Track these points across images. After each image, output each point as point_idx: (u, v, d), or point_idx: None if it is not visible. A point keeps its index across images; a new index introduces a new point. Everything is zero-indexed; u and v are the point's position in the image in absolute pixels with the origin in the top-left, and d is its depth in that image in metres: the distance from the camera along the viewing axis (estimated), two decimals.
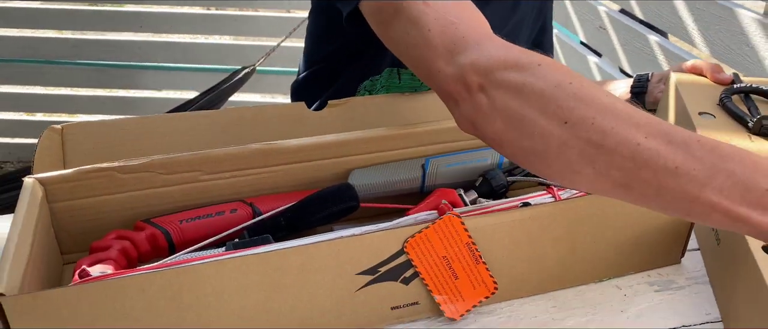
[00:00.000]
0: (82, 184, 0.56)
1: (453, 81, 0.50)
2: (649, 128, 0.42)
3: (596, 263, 0.59)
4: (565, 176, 0.46)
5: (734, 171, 0.40)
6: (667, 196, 0.42)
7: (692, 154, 0.41)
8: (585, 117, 0.43)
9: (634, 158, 0.42)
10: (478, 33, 0.51)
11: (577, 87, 0.44)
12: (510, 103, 0.46)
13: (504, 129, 0.47)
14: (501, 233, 0.54)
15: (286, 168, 0.62)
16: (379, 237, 0.50)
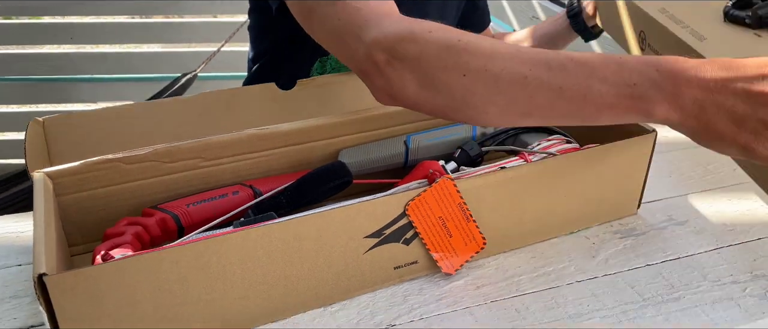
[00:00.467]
0: (89, 176, 0.58)
1: (364, 61, 0.56)
2: (532, 61, 0.50)
3: (567, 217, 0.67)
4: (477, 119, 0.54)
5: (606, 77, 0.48)
6: (562, 111, 0.51)
7: (569, 72, 0.49)
8: (478, 66, 0.51)
9: (526, 90, 0.50)
10: (378, 13, 0.58)
11: (465, 43, 0.52)
12: (415, 70, 0.53)
13: (417, 93, 0.54)
14: (487, 194, 0.60)
15: (281, 151, 0.66)
16: (384, 202, 0.55)
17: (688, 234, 0.68)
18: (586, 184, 0.66)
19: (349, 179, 0.65)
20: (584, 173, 0.65)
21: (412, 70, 0.54)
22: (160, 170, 0.61)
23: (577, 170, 0.64)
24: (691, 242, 0.67)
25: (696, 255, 0.65)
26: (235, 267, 0.50)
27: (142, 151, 0.60)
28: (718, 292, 0.60)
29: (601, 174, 0.66)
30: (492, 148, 0.71)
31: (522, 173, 0.61)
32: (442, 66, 0.53)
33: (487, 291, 0.59)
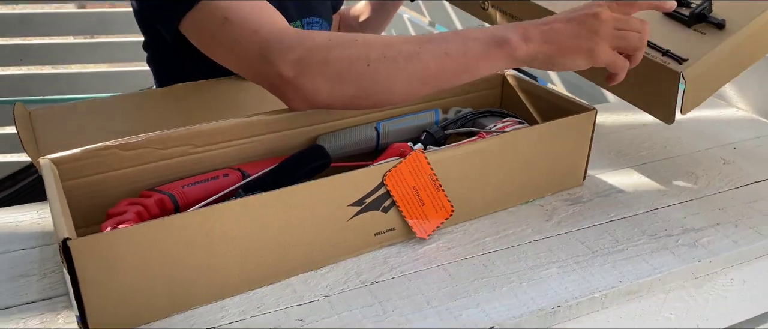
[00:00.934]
0: (90, 162, 0.63)
1: (274, 77, 0.66)
2: (418, 40, 0.65)
3: (523, 187, 0.75)
4: (386, 98, 0.67)
5: (476, 37, 0.65)
6: (451, 70, 0.65)
7: (448, 40, 0.65)
8: (378, 55, 0.64)
9: (421, 62, 0.64)
10: (275, 32, 0.67)
11: (361, 40, 0.65)
12: (324, 73, 0.64)
13: (330, 93, 0.65)
14: (453, 165, 0.67)
15: (264, 138, 0.72)
16: (365, 173, 0.62)
17: (628, 199, 0.78)
18: (538, 157, 0.74)
19: (328, 160, 0.72)
20: (536, 148, 0.73)
21: (321, 74, 0.64)
22: (155, 156, 0.66)
23: (530, 144, 0.73)
24: (631, 205, 0.76)
25: (635, 215, 0.75)
26: (235, 233, 0.56)
27: (138, 138, 0.65)
28: (655, 244, 0.69)
29: (551, 148, 0.75)
30: (454, 130, 0.79)
31: (483, 146, 0.69)
32: (347, 63, 0.64)
33: (457, 251, 0.66)
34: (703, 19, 0.76)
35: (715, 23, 0.75)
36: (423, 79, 0.65)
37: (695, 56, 0.73)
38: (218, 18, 0.70)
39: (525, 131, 0.73)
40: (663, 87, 0.74)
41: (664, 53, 0.74)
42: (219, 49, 0.72)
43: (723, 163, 0.87)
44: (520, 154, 0.72)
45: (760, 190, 0.81)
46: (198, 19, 0.72)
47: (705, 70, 0.74)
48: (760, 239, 0.71)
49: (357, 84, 0.65)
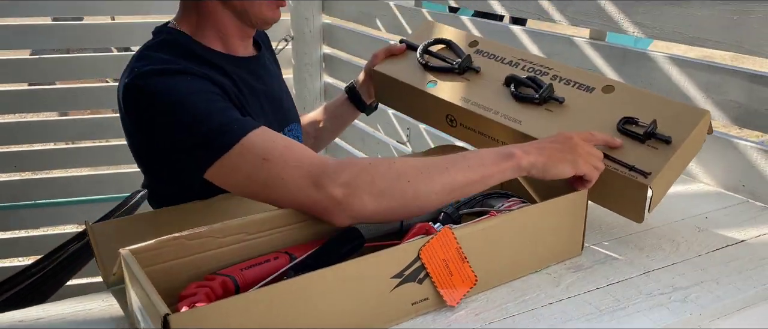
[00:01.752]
0: (160, 252, 0.72)
1: (325, 201, 0.78)
2: (446, 160, 0.81)
3: (532, 257, 0.85)
4: (423, 206, 0.80)
5: (489, 154, 0.82)
6: (471, 179, 0.80)
7: (468, 158, 0.82)
8: (415, 173, 0.79)
9: (449, 175, 0.80)
10: (317, 163, 0.81)
11: (399, 162, 0.80)
12: (371, 192, 0.77)
13: (376, 208, 0.78)
14: (474, 240, 0.78)
15: (304, 224, 0.82)
16: (403, 249, 0.72)
17: (623, 265, 0.89)
18: (543, 231, 0.85)
19: (363, 240, 0.81)
20: (540, 223, 0.84)
21: (368, 192, 0.77)
22: (215, 243, 0.75)
23: (535, 220, 0.84)
24: (626, 270, 0.87)
25: (631, 278, 0.85)
26: (302, 306, 0.65)
27: (200, 229, 0.74)
28: (651, 301, 0.80)
29: (552, 223, 0.86)
30: (467, 211, 0.90)
31: (496, 222, 0.80)
32: (390, 181, 0.78)
33: (485, 316, 0.76)
34: (653, 136, 0.90)
35: (664, 139, 0.89)
36: (451, 190, 0.80)
37: (655, 169, 0.87)
38: (256, 159, 0.81)
39: (529, 209, 0.84)
40: (633, 195, 0.88)
41: (630, 169, 0.88)
42: (256, 187, 0.82)
43: (698, 231, 1.00)
44: (527, 228, 0.83)
45: (733, 252, 0.93)
46: (230, 163, 0.82)
47: (663, 178, 0.88)
48: (739, 293, 0.82)
49: (399, 199, 0.78)
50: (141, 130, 0.92)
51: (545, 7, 1.52)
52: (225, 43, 1.05)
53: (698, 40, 1.18)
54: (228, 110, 0.87)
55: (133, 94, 0.89)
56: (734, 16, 1.11)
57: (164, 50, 0.97)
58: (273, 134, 0.85)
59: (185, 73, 0.90)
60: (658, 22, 1.25)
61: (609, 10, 1.36)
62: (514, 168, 0.82)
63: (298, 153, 0.82)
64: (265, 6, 1.02)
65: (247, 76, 1.06)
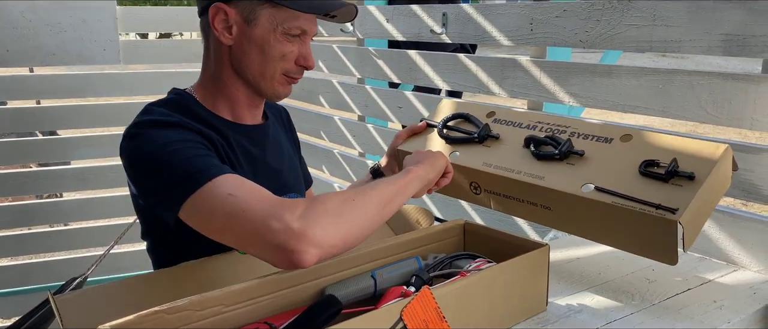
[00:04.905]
0: (141, 327, 0.70)
1: (284, 233, 0.79)
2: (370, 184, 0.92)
3: (502, 316, 0.88)
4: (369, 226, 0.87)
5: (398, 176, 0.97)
6: (394, 195, 0.92)
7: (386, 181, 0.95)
8: (354, 195, 0.87)
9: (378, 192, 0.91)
10: (277, 199, 0.84)
11: (336, 192, 0.88)
12: (328, 217, 0.82)
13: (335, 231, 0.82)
14: (450, 299, 0.80)
15: (282, 293, 0.82)
16: (387, 310, 0.73)
17: (585, 317, 0.93)
18: (511, 287, 0.89)
19: (341, 307, 0.82)
20: (509, 279, 0.88)
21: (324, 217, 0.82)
22: (194, 316, 0.74)
23: (503, 277, 0.87)
24: (589, 322, 0.91)
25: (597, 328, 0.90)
26: None
27: (180, 302, 0.73)
28: None
29: (519, 279, 0.90)
30: (437, 273, 0.93)
31: (469, 281, 0.83)
32: (340, 204, 0.85)
33: None
34: (676, 174, 0.90)
35: (686, 176, 0.89)
36: (386, 202, 0.90)
37: (683, 205, 0.85)
38: (222, 195, 0.84)
39: (498, 267, 0.88)
40: (664, 235, 0.86)
41: (657, 208, 0.87)
42: (220, 223, 0.85)
43: (648, 282, 1.06)
44: (498, 285, 0.87)
45: (683, 300, 0.99)
46: (200, 200, 0.86)
47: (693, 213, 0.86)
48: None
49: (351, 219, 0.84)
50: (132, 175, 0.98)
51: (484, 81, 1.62)
52: (233, 111, 1.10)
53: (629, 107, 1.29)
54: (207, 157, 0.93)
55: (127, 141, 0.97)
56: (659, 85, 1.23)
57: (167, 106, 1.04)
58: (243, 179, 0.89)
59: (177, 127, 0.96)
60: (591, 93, 1.36)
61: (545, 83, 1.46)
62: (416, 179, 0.98)
63: (261, 191, 0.86)
64: (278, 82, 1.07)
65: (245, 141, 1.09)
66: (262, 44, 1.03)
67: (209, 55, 1.09)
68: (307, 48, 1.07)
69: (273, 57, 1.04)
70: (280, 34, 1.03)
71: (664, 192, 0.89)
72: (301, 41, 1.06)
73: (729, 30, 1.10)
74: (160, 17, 2.53)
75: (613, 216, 0.92)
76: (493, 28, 1.55)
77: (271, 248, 0.80)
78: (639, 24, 1.24)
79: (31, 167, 3.19)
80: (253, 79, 1.06)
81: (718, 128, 1.83)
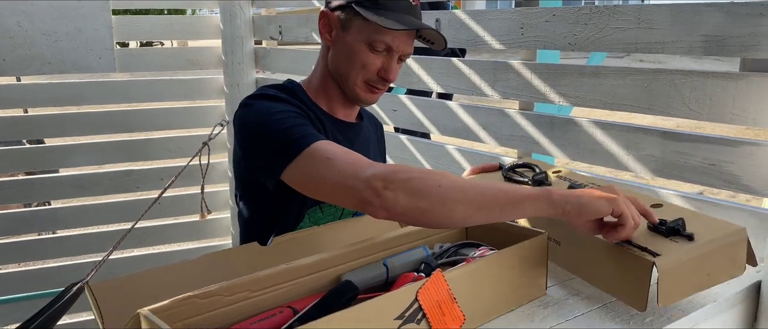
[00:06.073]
0: (175, 311, 0.75)
1: (365, 190, 0.89)
2: (482, 180, 0.92)
3: (507, 298, 0.94)
4: (450, 216, 0.87)
5: (521, 187, 0.90)
6: (500, 202, 0.86)
7: (504, 183, 0.94)
8: (448, 182, 0.87)
9: (478, 191, 0.87)
10: (362, 162, 0.95)
11: (437, 171, 0.90)
12: (405, 189, 0.87)
13: (406, 204, 0.86)
14: (460, 282, 0.86)
15: (302, 280, 0.87)
16: (404, 291, 0.79)
17: (583, 300, 0.99)
18: (515, 272, 0.95)
19: (358, 292, 0.88)
20: (513, 264, 0.94)
21: (402, 188, 0.87)
22: (224, 301, 0.80)
23: (507, 261, 0.94)
24: (587, 304, 0.98)
25: (593, 309, 0.96)
26: None
27: (210, 288, 0.79)
28: (615, 325, 0.90)
29: (522, 264, 0.96)
30: (444, 260, 0.99)
31: (477, 266, 0.89)
32: (423, 183, 0.87)
33: None
34: (677, 233, 0.92)
35: (686, 236, 0.91)
36: (479, 205, 0.86)
37: (666, 254, 0.87)
38: (322, 158, 0.96)
39: (502, 252, 0.94)
40: (638, 276, 0.88)
41: (642, 249, 0.89)
42: (318, 183, 0.96)
43: None
44: (503, 270, 0.93)
45: None
46: (302, 163, 0.98)
47: (676, 268, 0.87)
48: (683, 311, 0.94)
49: (429, 201, 0.86)
50: (240, 140, 1.12)
51: (477, 83, 1.69)
52: (329, 104, 1.25)
53: (616, 105, 1.37)
54: (307, 126, 1.06)
55: (241, 109, 1.13)
56: (644, 83, 1.31)
57: (277, 89, 1.19)
58: (337, 145, 1.00)
59: (284, 101, 1.12)
60: (580, 92, 1.44)
61: (536, 84, 1.54)
62: (546, 201, 0.85)
63: (353, 155, 0.96)
64: (359, 87, 1.20)
65: (337, 132, 1.21)
66: (349, 51, 1.16)
67: (320, 53, 1.25)
68: (391, 63, 1.17)
69: (355, 64, 1.16)
70: (366, 46, 1.14)
71: (658, 243, 0.91)
72: (387, 55, 1.17)
73: (708, 31, 1.18)
74: (154, 26, 2.57)
75: (603, 254, 0.95)
76: (486, 32, 1.62)
77: (355, 201, 0.90)
78: (624, 27, 1.32)
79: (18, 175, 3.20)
80: (340, 79, 1.19)
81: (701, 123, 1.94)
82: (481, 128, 1.72)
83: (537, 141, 1.56)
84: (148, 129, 2.62)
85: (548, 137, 1.54)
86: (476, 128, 1.73)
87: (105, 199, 2.62)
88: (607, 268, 0.94)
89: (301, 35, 2.36)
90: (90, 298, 0.85)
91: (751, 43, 1.12)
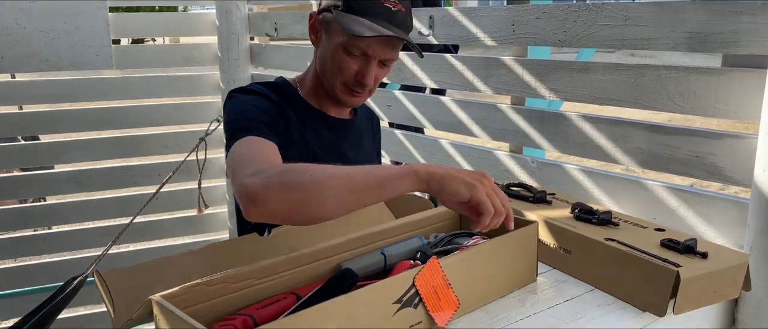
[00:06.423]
0: (185, 297, 0.79)
1: (243, 189, 0.88)
2: (352, 166, 0.89)
3: (499, 284, 0.99)
4: (322, 205, 0.85)
5: (388, 167, 0.88)
6: (370, 184, 0.86)
7: (372, 166, 0.90)
8: (319, 170, 0.87)
9: (349, 176, 0.87)
10: (259, 164, 0.93)
11: (308, 163, 0.89)
12: (276, 183, 0.86)
13: (277, 198, 0.85)
14: (455, 269, 0.90)
15: (303, 268, 0.91)
16: (402, 277, 0.83)
17: (571, 286, 1.04)
18: (507, 259, 0.99)
19: (357, 279, 0.92)
20: (505, 251, 0.99)
21: (272, 183, 0.86)
22: (229, 289, 0.83)
23: (500, 249, 0.98)
24: (575, 290, 1.03)
25: (581, 295, 1.01)
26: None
27: (216, 276, 0.82)
28: (601, 310, 0.95)
29: (514, 252, 1.00)
30: (438, 249, 1.03)
31: (470, 253, 0.94)
32: (296, 174, 0.87)
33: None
34: (691, 250, 0.99)
35: (700, 254, 0.98)
36: (351, 188, 0.86)
37: (688, 267, 0.93)
38: (238, 153, 1.01)
39: (494, 241, 0.98)
40: (659, 284, 0.93)
41: (663, 260, 0.95)
42: (230, 176, 0.98)
43: None
44: (496, 257, 0.97)
45: None
46: (231, 154, 1.04)
47: (694, 281, 0.92)
48: None
49: (300, 191, 0.84)
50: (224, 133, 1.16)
51: (470, 79, 1.73)
52: (319, 102, 1.29)
53: (604, 100, 1.41)
54: (258, 122, 1.10)
55: (225, 102, 1.21)
56: (631, 79, 1.35)
57: (264, 85, 1.25)
58: (264, 143, 1.04)
59: (259, 95, 1.19)
60: (569, 87, 1.48)
61: (527, 80, 1.58)
62: (412, 175, 0.86)
63: (261, 154, 1.00)
64: (338, 89, 1.23)
65: (324, 128, 1.25)
66: (329, 54, 1.20)
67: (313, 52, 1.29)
68: (368, 68, 1.19)
69: (334, 67, 1.20)
70: (342, 50, 1.17)
71: (675, 258, 0.97)
72: (364, 60, 1.18)
73: (692, 28, 1.23)
74: (151, 23, 2.60)
75: (621, 262, 0.99)
76: (478, 29, 1.67)
77: (241, 199, 0.88)
78: (612, 24, 1.36)
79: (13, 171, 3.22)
80: (324, 80, 1.23)
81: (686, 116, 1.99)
82: (474, 123, 1.76)
83: (528, 135, 1.61)
84: (144, 125, 2.65)
85: (539, 131, 1.58)
86: (469, 123, 1.77)
87: (101, 195, 2.64)
88: (621, 276, 0.98)
89: (296, 32, 2.40)
90: (100, 286, 0.89)
91: (731, 40, 1.17)
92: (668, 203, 1.31)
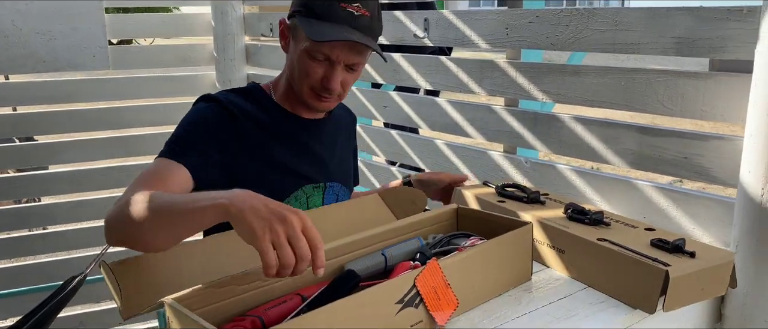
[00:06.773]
0: (195, 300, 0.82)
1: None
2: (171, 197, 0.93)
3: (495, 284, 1.03)
4: (154, 241, 0.92)
5: (200, 197, 0.85)
6: (178, 211, 0.88)
7: (186, 198, 0.90)
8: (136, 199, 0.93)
9: (166, 202, 0.91)
10: (127, 195, 0.98)
11: (140, 194, 0.95)
12: (115, 213, 0.96)
13: (112, 227, 0.97)
14: (455, 269, 0.94)
15: (309, 270, 0.94)
16: (403, 278, 0.87)
17: (565, 285, 1.08)
18: (503, 259, 1.03)
19: (360, 279, 0.95)
20: (501, 252, 1.03)
21: (114, 212, 0.97)
22: (238, 290, 0.87)
23: (496, 250, 1.02)
24: (568, 289, 1.07)
25: (575, 293, 1.05)
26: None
27: (225, 278, 0.86)
28: (594, 308, 0.99)
29: (510, 252, 1.04)
30: (437, 250, 1.07)
31: (468, 254, 0.97)
32: (122, 207, 0.94)
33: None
34: (680, 250, 1.02)
35: (688, 253, 1.02)
36: (157, 215, 0.89)
37: (677, 266, 0.96)
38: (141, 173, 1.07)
39: (491, 242, 1.02)
40: (649, 282, 0.96)
41: (653, 260, 0.98)
42: None
43: None
44: (492, 257, 1.01)
45: None
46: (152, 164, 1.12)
47: (683, 279, 0.96)
48: None
49: (131, 225, 0.92)
50: None
51: (464, 81, 1.76)
52: (291, 105, 1.29)
53: (595, 102, 1.45)
54: (185, 147, 1.14)
55: None
56: (622, 82, 1.39)
57: (233, 92, 1.28)
58: (162, 170, 1.09)
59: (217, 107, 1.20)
60: (561, 90, 1.52)
61: (520, 82, 1.62)
62: (217, 208, 0.81)
63: (145, 181, 1.03)
64: (306, 94, 1.23)
65: (297, 129, 1.28)
66: (296, 59, 1.21)
67: None
68: (333, 72, 1.19)
69: (300, 72, 1.21)
70: (306, 55, 1.18)
71: (665, 257, 1.00)
72: (328, 65, 1.19)
73: (680, 34, 1.27)
74: (146, 24, 2.61)
75: (613, 262, 1.02)
76: (472, 32, 1.70)
77: None
78: (603, 28, 1.40)
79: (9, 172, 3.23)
80: (293, 85, 1.25)
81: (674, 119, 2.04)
82: (468, 124, 1.80)
83: (521, 136, 1.65)
84: (140, 126, 2.67)
85: (532, 132, 1.62)
86: (464, 124, 1.81)
87: (97, 195, 2.66)
88: (613, 275, 1.01)
89: None
90: (107, 277, 0.92)
91: (718, 45, 1.21)
92: (658, 202, 1.35)
